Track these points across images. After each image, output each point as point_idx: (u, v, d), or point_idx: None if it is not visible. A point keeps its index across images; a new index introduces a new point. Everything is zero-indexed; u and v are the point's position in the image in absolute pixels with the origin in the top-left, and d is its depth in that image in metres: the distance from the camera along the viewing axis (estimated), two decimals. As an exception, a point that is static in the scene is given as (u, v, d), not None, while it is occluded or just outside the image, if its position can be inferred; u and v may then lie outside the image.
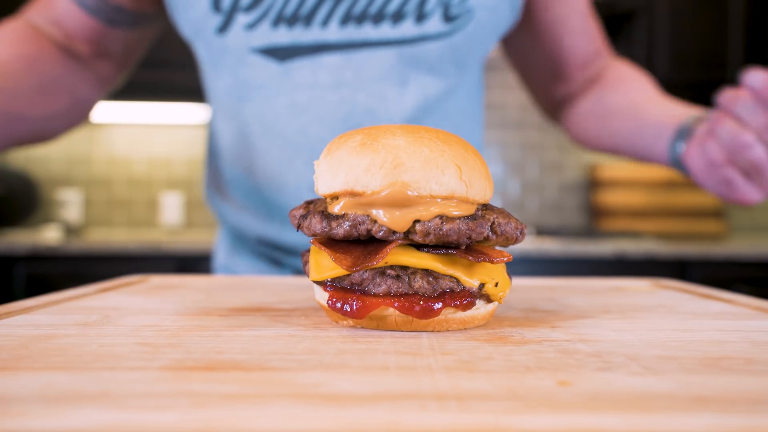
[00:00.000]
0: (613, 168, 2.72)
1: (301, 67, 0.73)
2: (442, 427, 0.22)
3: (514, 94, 2.76)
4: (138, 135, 2.69)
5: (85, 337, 0.36)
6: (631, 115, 0.83)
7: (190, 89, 2.33)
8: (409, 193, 0.38)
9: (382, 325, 0.40)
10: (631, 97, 0.85)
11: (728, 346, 0.35)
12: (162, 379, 0.27)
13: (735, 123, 0.62)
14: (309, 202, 0.43)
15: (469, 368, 0.30)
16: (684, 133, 0.72)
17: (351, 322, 0.41)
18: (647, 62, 2.42)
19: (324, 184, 0.41)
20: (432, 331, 0.40)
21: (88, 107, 0.86)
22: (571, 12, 0.87)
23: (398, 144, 0.39)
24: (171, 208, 2.68)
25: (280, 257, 0.87)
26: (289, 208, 0.81)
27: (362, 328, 0.40)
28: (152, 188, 2.71)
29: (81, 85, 0.83)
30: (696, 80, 2.42)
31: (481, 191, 0.40)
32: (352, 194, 0.39)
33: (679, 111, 0.77)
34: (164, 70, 2.26)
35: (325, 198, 0.42)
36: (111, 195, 2.70)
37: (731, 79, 2.41)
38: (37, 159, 2.68)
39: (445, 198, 0.38)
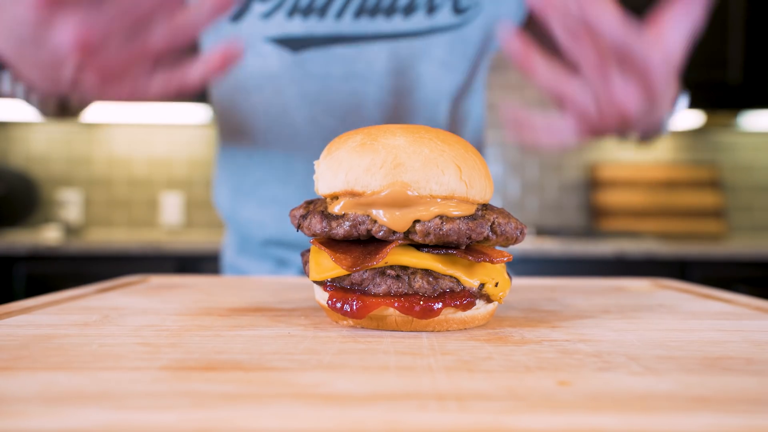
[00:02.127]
0: (613, 168, 2.73)
1: (314, 57, 0.74)
2: (442, 427, 0.22)
3: (514, 94, 2.76)
4: (138, 135, 2.69)
5: (85, 337, 0.36)
6: None
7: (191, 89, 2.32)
8: (409, 193, 0.38)
9: (382, 325, 0.40)
10: None
11: (728, 346, 0.35)
12: (162, 379, 0.27)
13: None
14: (309, 202, 0.43)
15: (469, 368, 0.30)
16: None
17: (351, 322, 0.40)
18: (647, 62, 2.42)
19: (324, 184, 0.41)
20: (432, 331, 0.40)
21: None
22: None
23: (398, 144, 0.39)
24: (171, 208, 2.68)
25: (284, 255, 0.88)
26: (294, 199, 0.82)
27: (362, 328, 0.40)
28: (152, 188, 2.71)
29: None
30: (696, 80, 2.42)
31: (481, 191, 0.40)
32: (352, 194, 0.39)
33: None
34: (164, 70, 2.26)
35: (325, 198, 0.42)
36: (111, 195, 2.70)
37: (731, 79, 2.41)
38: (37, 159, 2.67)
39: (445, 198, 0.38)
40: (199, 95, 2.35)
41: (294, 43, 0.74)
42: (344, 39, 0.74)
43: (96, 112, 0.91)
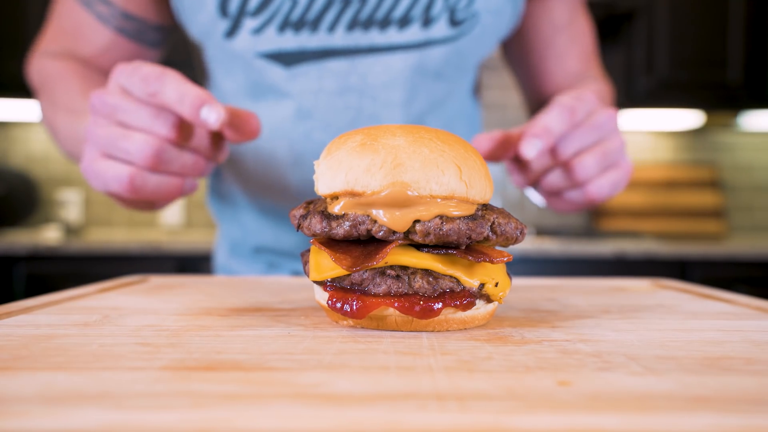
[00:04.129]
0: (613, 168, 2.72)
1: (307, 72, 0.73)
2: (442, 427, 0.22)
3: (514, 94, 2.76)
4: (138, 135, 2.68)
5: (85, 337, 0.36)
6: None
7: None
8: (409, 193, 0.38)
9: (382, 325, 0.40)
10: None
11: (728, 346, 0.35)
12: (162, 379, 0.27)
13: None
14: (309, 202, 0.43)
15: (469, 368, 0.30)
16: None
17: (351, 322, 0.41)
18: (647, 62, 2.42)
19: (324, 184, 0.41)
20: (432, 331, 0.40)
21: None
22: (556, 36, 0.87)
23: (398, 144, 0.39)
24: (171, 208, 2.68)
25: (276, 261, 0.88)
26: (288, 217, 0.82)
27: (362, 328, 0.40)
28: (152, 188, 2.71)
29: None
30: (696, 80, 2.42)
31: (481, 191, 0.40)
32: (352, 194, 0.39)
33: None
34: (164, 70, 2.26)
35: (325, 198, 0.42)
36: (111, 195, 2.69)
37: (731, 79, 2.41)
38: (37, 159, 2.67)
39: (445, 198, 0.38)
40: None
41: (286, 58, 0.73)
42: (337, 52, 0.73)
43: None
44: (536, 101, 0.94)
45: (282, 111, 0.76)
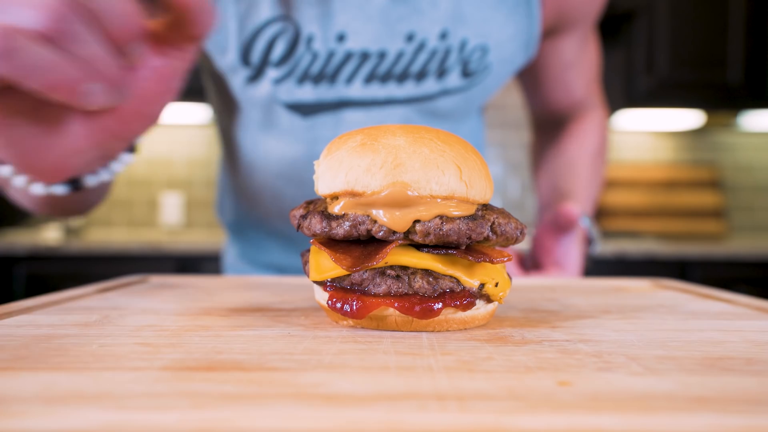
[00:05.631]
0: (613, 168, 2.73)
1: (324, 122, 0.75)
2: (442, 427, 0.22)
3: (514, 94, 2.76)
4: (138, 135, 2.68)
5: (85, 337, 0.36)
6: (551, 180, 0.96)
7: (191, 89, 2.33)
8: (409, 193, 0.37)
9: (382, 325, 0.40)
10: (559, 165, 0.95)
11: (728, 346, 0.35)
12: (162, 379, 0.27)
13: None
14: (309, 202, 0.43)
15: (469, 368, 0.30)
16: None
17: (351, 322, 0.40)
18: (647, 62, 2.42)
19: (324, 184, 0.41)
20: (432, 331, 0.40)
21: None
22: (565, 73, 0.91)
23: (398, 144, 0.39)
24: (171, 208, 2.68)
25: (284, 273, 0.90)
26: (297, 239, 0.82)
27: (362, 328, 0.40)
28: (152, 188, 2.71)
29: None
30: (696, 80, 2.42)
31: (481, 191, 0.40)
32: (352, 194, 0.39)
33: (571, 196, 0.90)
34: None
35: (325, 198, 0.42)
36: (111, 195, 2.70)
37: (731, 79, 2.41)
38: (37, 159, 2.67)
39: (445, 198, 0.38)
40: (199, 94, 2.35)
41: (304, 109, 0.74)
42: (354, 103, 0.74)
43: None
44: (540, 114, 1.01)
45: (294, 152, 0.77)
